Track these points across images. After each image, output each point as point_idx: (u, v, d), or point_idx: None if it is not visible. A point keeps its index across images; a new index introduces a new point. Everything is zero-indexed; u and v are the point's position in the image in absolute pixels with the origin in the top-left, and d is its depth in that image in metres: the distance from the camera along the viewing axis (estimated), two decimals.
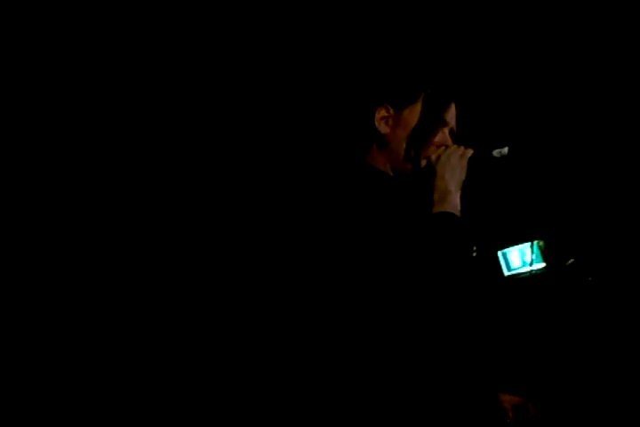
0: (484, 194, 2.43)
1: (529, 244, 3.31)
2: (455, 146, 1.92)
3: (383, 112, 1.93)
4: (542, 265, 3.31)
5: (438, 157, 1.89)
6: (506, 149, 1.87)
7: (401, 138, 1.92)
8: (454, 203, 1.84)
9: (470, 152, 1.90)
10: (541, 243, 3.30)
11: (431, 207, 1.85)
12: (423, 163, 1.92)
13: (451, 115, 1.96)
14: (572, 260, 3.18)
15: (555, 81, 3.24)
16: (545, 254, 3.31)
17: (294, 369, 1.86)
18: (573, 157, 3.29)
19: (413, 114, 1.93)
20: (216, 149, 3.29)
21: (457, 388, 1.84)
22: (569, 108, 3.28)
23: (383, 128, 1.92)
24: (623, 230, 3.26)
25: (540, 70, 3.20)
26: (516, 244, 3.37)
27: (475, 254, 1.94)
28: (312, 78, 3.06)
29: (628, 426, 2.99)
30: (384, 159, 1.94)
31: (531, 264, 3.28)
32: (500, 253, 3.41)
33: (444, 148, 1.92)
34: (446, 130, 1.96)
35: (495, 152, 1.87)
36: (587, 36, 3.11)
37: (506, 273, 3.37)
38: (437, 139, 1.94)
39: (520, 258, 3.34)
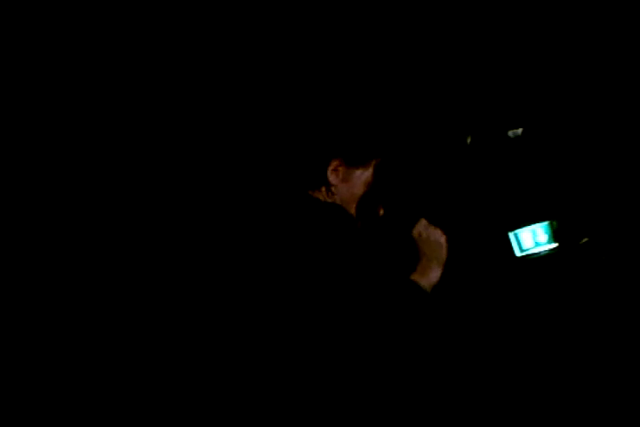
0: (497, 174, 2.41)
1: (541, 224, 3.29)
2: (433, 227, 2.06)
3: (336, 165, 1.99)
4: (554, 245, 3.29)
5: (419, 233, 2.02)
6: (520, 130, 1.87)
7: (348, 194, 2.01)
8: (431, 280, 1.99)
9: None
10: (554, 223, 3.29)
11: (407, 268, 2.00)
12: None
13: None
14: (585, 239, 3.16)
15: (570, 64, 3.22)
16: (557, 234, 3.29)
17: (290, 371, 1.89)
18: (586, 138, 3.27)
19: (364, 177, 2.00)
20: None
21: (454, 385, 1.89)
22: (583, 88, 3.26)
23: (333, 179, 1.99)
24: (636, 210, 3.25)
25: (556, 53, 3.18)
26: (528, 224, 3.35)
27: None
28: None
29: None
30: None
31: (544, 244, 3.26)
32: (511, 234, 3.39)
33: (424, 223, 2.01)
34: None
35: (510, 133, 1.87)
36: (604, 18, 3.09)
37: (518, 254, 3.35)
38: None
39: (532, 238, 3.32)
